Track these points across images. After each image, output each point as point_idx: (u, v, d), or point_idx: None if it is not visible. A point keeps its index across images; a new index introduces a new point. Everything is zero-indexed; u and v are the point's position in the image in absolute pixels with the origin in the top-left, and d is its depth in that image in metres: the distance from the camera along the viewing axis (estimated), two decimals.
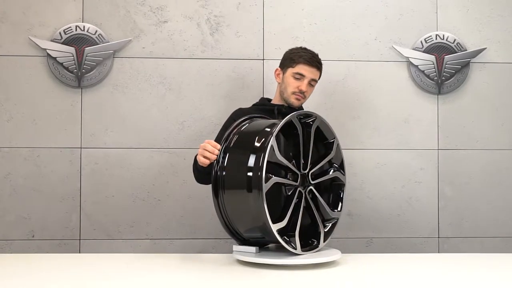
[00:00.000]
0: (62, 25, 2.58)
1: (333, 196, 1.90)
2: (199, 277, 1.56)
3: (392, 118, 2.70)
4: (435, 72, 2.69)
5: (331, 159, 1.87)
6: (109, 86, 2.61)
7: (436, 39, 2.69)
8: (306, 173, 1.78)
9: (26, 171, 2.57)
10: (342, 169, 1.89)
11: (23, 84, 2.57)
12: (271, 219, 1.59)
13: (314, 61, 2.14)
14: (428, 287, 1.46)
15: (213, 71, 2.64)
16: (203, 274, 1.60)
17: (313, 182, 1.78)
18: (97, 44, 2.59)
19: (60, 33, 2.57)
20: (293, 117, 1.73)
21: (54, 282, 1.51)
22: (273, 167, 1.68)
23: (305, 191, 1.76)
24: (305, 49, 2.19)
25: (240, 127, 1.81)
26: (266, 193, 1.59)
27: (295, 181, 1.74)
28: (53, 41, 2.57)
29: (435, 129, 2.70)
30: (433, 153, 2.70)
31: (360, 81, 2.69)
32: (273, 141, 1.64)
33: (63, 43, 2.57)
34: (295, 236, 1.68)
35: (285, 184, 1.72)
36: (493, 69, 2.73)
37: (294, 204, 1.70)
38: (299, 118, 1.77)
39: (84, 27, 2.58)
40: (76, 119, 2.59)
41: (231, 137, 1.77)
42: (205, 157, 1.78)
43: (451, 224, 2.69)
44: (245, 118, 1.88)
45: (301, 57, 2.13)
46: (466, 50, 2.70)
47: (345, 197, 1.90)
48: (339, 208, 1.87)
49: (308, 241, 1.76)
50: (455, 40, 2.70)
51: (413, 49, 2.69)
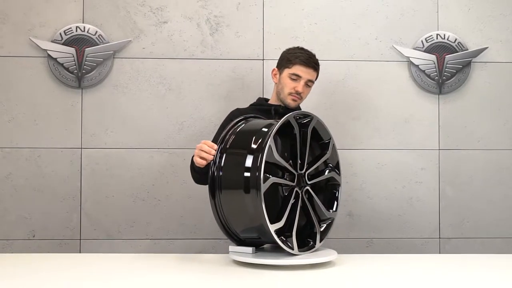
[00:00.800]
0: (62, 25, 2.60)
1: (328, 196, 1.90)
2: (194, 277, 1.57)
3: (392, 118, 2.69)
4: (436, 72, 2.67)
5: (326, 159, 1.86)
6: (109, 86, 2.62)
7: (437, 38, 2.68)
8: (302, 174, 1.77)
9: (27, 171, 2.58)
10: (337, 169, 1.89)
11: (24, 84, 2.59)
12: (268, 220, 1.59)
13: (310, 61, 2.10)
14: None
15: (213, 71, 2.64)
16: (198, 274, 1.60)
17: (309, 182, 1.78)
18: (98, 44, 2.59)
19: (60, 33, 2.58)
20: (290, 117, 1.72)
21: (54, 282, 1.52)
22: (270, 167, 1.68)
23: (302, 191, 1.75)
24: (302, 49, 2.15)
25: (236, 127, 1.81)
26: (263, 194, 1.58)
27: (292, 181, 1.74)
28: (53, 41, 2.58)
29: (436, 129, 2.69)
30: (434, 153, 2.68)
31: (360, 81, 2.68)
32: (271, 141, 1.64)
33: (63, 44, 2.58)
34: (291, 236, 1.68)
35: (282, 184, 1.72)
36: (495, 69, 2.71)
37: (291, 204, 1.69)
38: (296, 118, 1.76)
39: (84, 27, 2.59)
40: (76, 119, 2.60)
41: (227, 138, 1.77)
42: (201, 157, 1.78)
43: (452, 224, 2.68)
44: (240, 118, 1.87)
45: (298, 58, 2.09)
46: (467, 49, 2.69)
47: (340, 197, 1.90)
48: (334, 208, 1.87)
49: (303, 241, 1.75)
50: (456, 39, 2.68)
51: (414, 49, 2.68)
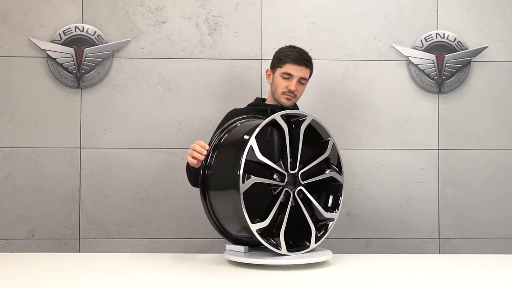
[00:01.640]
0: (61, 26, 2.61)
1: (331, 196, 1.86)
2: (188, 277, 1.57)
3: (392, 117, 2.67)
4: (436, 71, 2.66)
5: (328, 159, 1.84)
6: (108, 86, 2.62)
7: (436, 37, 2.67)
8: (295, 173, 1.75)
9: (26, 171, 2.59)
10: (339, 169, 1.85)
11: (23, 84, 2.60)
12: (256, 219, 1.58)
13: (301, 59, 2.07)
14: None
15: (212, 71, 2.64)
16: (191, 274, 1.60)
17: (303, 182, 1.76)
18: (96, 44, 2.60)
19: (59, 34, 2.59)
20: (277, 116, 1.71)
21: (53, 281, 1.52)
22: (256, 167, 1.65)
23: (294, 191, 1.73)
24: (293, 47, 2.13)
25: (231, 127, 1.81)
26: (251, 193, 1.57)
27: (283, 181, 1.72)
28: (52, 42, 2.59)
29: (435, 128, 2.67)
30: (433, 153, 2.67)
31: (359, 81, 2.67)
32: (253, 141, 1.62)
33: (62, 44, 2.59)
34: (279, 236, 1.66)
35: (271, 184, 1.71)
36: (495, 68, 2.69)
37: (279, 204, 1.68)
38: (289, 117, 1.74)
39: (83, 28, 2.60)
40: (75, 119, 2.61)
41: (220, 137, 1.77)
42: (193, 157, 1.79)
43: (452, 224, 2.66)
44: (237, 118, 1.87)
45: (288, 57, 2.07)
46: (467, 48, 2.67)
47: (343, 197, 1.85)
48: (336, 209, 1.83)
49: (299, 243, 1.73)
50: (455, 38, 2.67)
51: (413, 48, 2.67)
